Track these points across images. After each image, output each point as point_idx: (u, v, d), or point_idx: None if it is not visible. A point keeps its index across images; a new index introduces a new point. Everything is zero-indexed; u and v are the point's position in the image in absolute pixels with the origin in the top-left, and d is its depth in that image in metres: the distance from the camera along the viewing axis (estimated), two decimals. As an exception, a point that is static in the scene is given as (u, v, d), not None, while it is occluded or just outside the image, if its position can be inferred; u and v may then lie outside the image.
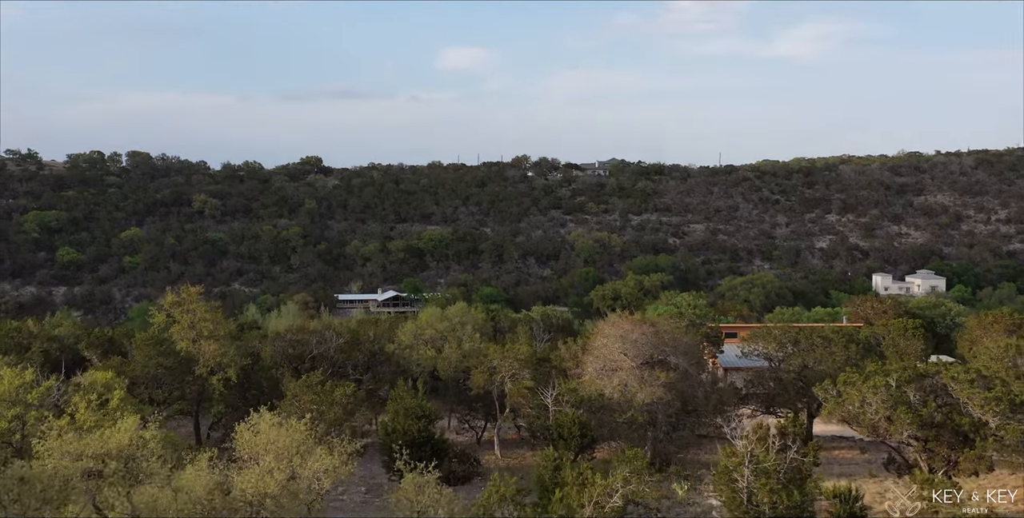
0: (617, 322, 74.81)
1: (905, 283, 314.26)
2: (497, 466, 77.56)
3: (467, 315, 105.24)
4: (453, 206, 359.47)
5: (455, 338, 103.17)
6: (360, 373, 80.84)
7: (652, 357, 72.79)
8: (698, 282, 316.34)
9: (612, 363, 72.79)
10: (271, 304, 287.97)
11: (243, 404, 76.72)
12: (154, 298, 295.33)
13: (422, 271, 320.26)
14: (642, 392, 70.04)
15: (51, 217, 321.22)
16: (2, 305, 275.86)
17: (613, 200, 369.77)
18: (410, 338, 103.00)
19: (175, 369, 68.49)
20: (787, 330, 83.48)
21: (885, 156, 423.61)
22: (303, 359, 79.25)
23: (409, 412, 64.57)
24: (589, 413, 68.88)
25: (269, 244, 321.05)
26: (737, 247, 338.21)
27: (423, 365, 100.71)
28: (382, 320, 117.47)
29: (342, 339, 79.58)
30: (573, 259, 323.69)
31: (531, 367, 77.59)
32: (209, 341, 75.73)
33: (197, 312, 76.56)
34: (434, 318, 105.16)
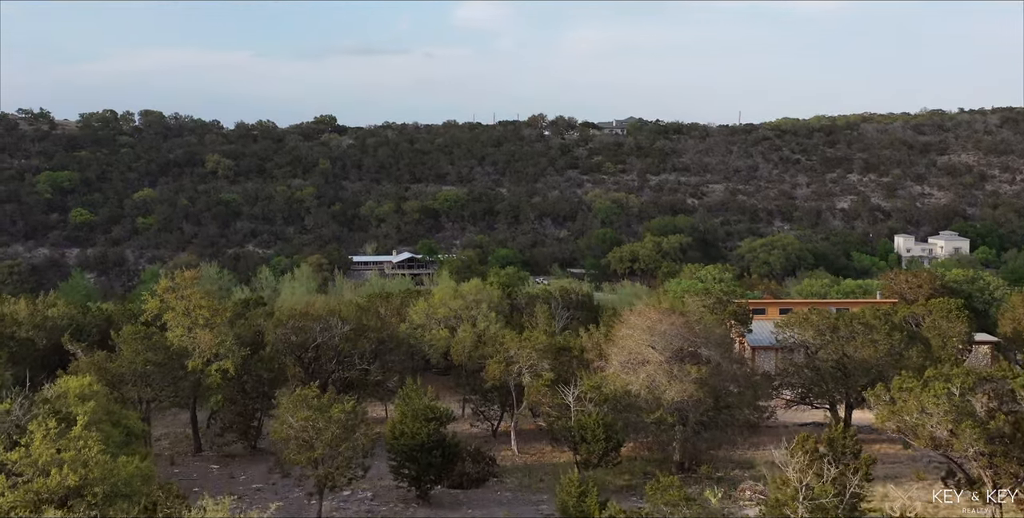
0: (644, 311, 68.60)
1: (928, 244, 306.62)
2: (514, 463, 72.02)
3: (482, 292, 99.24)
4: (468, 166, 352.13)
5: (469, 318, 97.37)
6: (367, 362, 74.97)
7: (682, 349, 66.66)
8: (717, 244, 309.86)
9: (638, 356, 66.70)
10: (285, 266, 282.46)
11: (242, 397, 71.26)
12: (167, 260, 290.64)
13: (437, 232, 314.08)
14: (671, 389, 64.03)
15: (64, 178, 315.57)
16: (15, 268, 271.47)
17: (631, 159, 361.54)
18: (422, 317, 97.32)
19: (165, 365, 62.62)
20: (825, 316, 76.94)
21: (907, 114, 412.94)
22: (306, 348, 73.36)
23: (418, 414, 58.73)
24: (614, 412, 62.99)
25: (283, 205, 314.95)
26: (757, 208, 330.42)
27: (436, 346, 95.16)
28: (394, 295, 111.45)
29: (348, 327, 73.53)
30: (590, 220, 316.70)
31: (551, 357, 71.60)
32: (205, 330, 69.92)
33: (192, 299, 70.66)
34: (448, 296, 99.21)
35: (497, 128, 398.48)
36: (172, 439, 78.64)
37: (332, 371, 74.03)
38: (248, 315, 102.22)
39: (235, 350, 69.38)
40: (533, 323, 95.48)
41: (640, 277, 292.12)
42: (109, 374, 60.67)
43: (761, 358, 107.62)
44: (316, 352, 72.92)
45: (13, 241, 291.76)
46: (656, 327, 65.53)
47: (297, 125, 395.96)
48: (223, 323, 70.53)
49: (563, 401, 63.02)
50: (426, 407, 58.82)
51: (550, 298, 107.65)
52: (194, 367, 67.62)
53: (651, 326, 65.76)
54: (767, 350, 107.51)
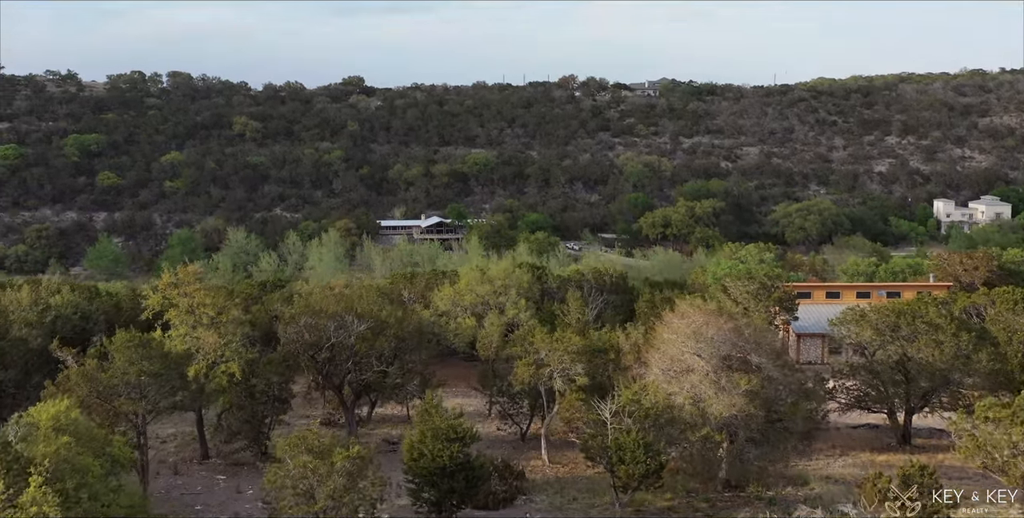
0: (687, 313, 61.55)
1: (968, 209, 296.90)
2: (544, 476, 65.66)
3: (511, 277, 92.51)
4: (498, 128, 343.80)
5: (497, 305, 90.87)
6: (386, 363, 68.54)
7: (729, 356, 59.81)
8: (751, 208, 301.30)
9: (681, 363, 59.93)
10: (313, 231, 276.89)
11: (250, 402, 65.25)
12: (194, 224, 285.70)
13: (466, 196, 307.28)
14: (719, 402, 57.26)
15: (91, 140, 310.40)
16: (44, 232, 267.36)
17: (663, 122, 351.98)
18: (447, 304, 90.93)
19: (162, 375, 56.43)
20: (885, 314, 69.62)
21: (947, 74, 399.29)
22: (320, 347, 66.99)
23: (439, 434, 52.32)
24: (655, 428, 56.35)
25: (311, 168, 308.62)
26: (792, 171, 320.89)
27: (461, 335, 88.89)
28: (418, 277, 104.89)
29: (364, 325, 67.00)
30: (621, 184, 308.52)
31: (585, 361, 64.95)
32: (209, 330, 63.72)
33: (196, 296, 64.37)
34: (474, 280, 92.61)
35: (527, 89, 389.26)
36: (180, 441, 72.89)
37: (348, 372, 67.75)
38: (264, 299, 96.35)
39: (242, 352, 63.26)
40: (565, 310, 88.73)
41: (672, 243, 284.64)
42: (100, 385, 54.63)
43: (806, 345, 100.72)
44: (331, 352, 66.56)
45: (41, 205, 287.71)
46: (702, 332, 58.72)
47: (325, 86, 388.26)
48: (230, 321, 64.30)
49: (598, 417, 56.48)
50: (448, 426, 52.41)
51: (582, 281, 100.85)
52: (197, 372, 61.49)
53: (696, 331, 58.97)
54: (813, 337, 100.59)
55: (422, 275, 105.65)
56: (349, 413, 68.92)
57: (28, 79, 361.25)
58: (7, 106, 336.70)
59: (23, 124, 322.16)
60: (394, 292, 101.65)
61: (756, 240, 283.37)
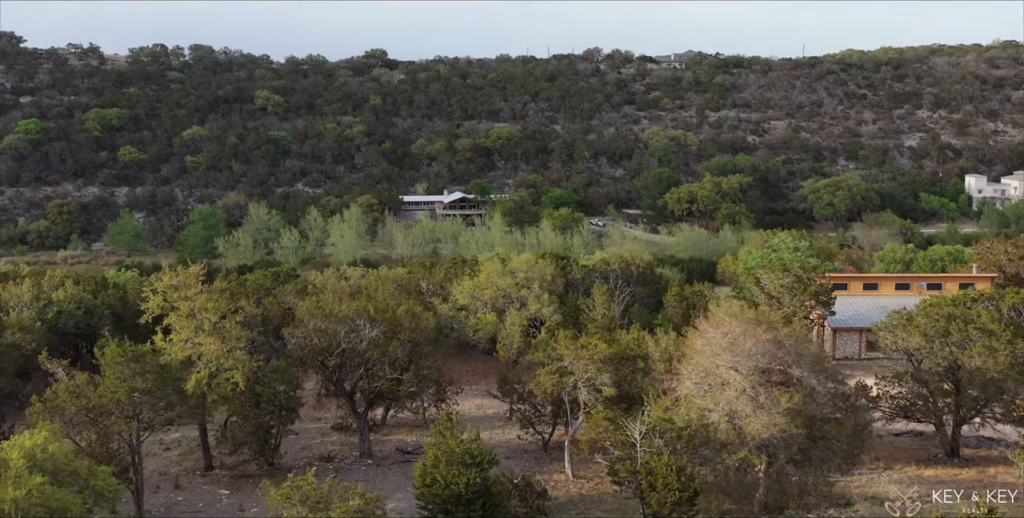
0: (722, 321, 56.47)
1: (1000, 185, 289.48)
2: (568, 493, 61.07)
3: (533, 269, 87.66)
4: (522, 102, 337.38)
5: (519, 299, 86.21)
6: (400, 370, 63.93)
7: (769, 369, 54.84)
8: (779, 184, 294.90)
9: (716, 376, 55.03)
10: (335, 207, 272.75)
11: (255, 412, 60.92)
12: (216, 199, 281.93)
13: (489, 171, 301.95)
14: (757, 421, 52.37)
15: (112, 115, 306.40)
16: (66, 207, 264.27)
17: (689, 95, 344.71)
18: (467, 298, 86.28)
19: (155, 393, 51.99)
20: (934, 318, 64.32)
21: (980, 46, 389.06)
22: (330, 352, 62.44)
23: (454, 459, 47.76)
24: (688, 449, 51.61)
25: (333, 143, 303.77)
26: (820, 146, 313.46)
27: (482, 331, 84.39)
28: (437, 266, 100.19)
29: (376, 330, 62.34)
30: (647, 159, 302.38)
31: (612, 370, 60.18)
32: (211, 337, 59.29)
33: (198, 300, 59.89)
34: (495, 273, 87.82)
35: (551, 62, 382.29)
36: (184, 448, 68.68)
37: (359, 379, 63.22)
38: (277, 291, 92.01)
39: (245, 360, 58.82)
40: (590, 305, 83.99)
41: (698, 219, 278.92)
42: (90, 403, 50.32)
43: (843, 341, 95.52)
44: (341, 358, 62.01)
45: (63, 179, 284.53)
46: (739, 345, 53.79)
47: (347, 59, 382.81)
48: (234, 326, 59.82)
49: (628, 439, 51.77)
50: (464, 450, 47.81)
51: (608, 272, 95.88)
52: (198, 381, 57.11)
53: (733, 343, 54.07)
54: (849, 332, 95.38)
55: (441, 264, 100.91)
56: (361, 421, 64.58)
57: (50, 53, 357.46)
58: (29, 80, 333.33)
59: (45, 98, 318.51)
60: (412, 282, 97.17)
61: (783, 216, 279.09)
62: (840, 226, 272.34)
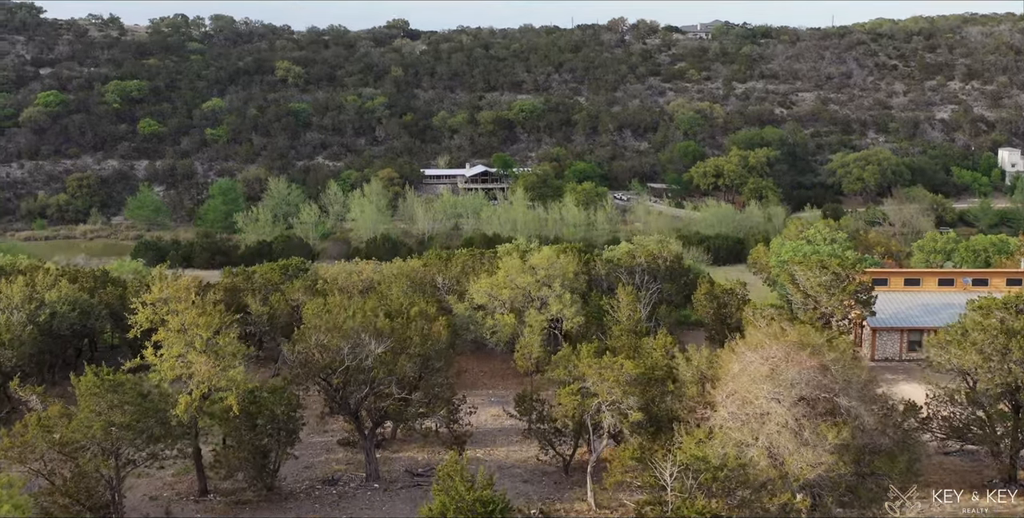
0: (762, 344, 50.57)
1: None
2: (591, 527, 55.60)
3: (555, 266, 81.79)
4: (545, 73, 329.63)
5: (539, 298, 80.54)
6: (408, 389, 58.43)
7: (814, 399, 49.03)
8: (807, 158, 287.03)
9: (755, 406, 49.25)
10: (355, 180, 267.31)
11: (251, 436, 55.72)
12: (236, 173, 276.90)
13: (512, 144, 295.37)
14: (801, 458, 46.66)
15: (132, 87, 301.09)
16: (85, 181, 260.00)
17: (716, 66, 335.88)
18: (484, 297, 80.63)
19: (135, 427, 46.66)
20: (992, 334, 58.12)
21: (1014, 15, 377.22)
22: (333, 370, 57.00)
23: (463, 509, 42.32)
24: (724, 491, 46.02)
25: (353, 115, 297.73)
26: (850, 118, 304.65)
27: (500, 334, 78.86)
28: (455, 259, 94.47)
29: (382, 346, 56.76)
30: (672, 132, 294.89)
31: (639, 392, 54.51)
32: (202, 356, 53.95)
33: (188, 315, 54.51)
34: (515, 270, 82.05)
35: (575, 32, 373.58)
36: (179, 467, 63.44)
37: (364, 397, 57.81)
38: (285, 287, 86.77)
39: (241, 381, 53.51)
40: (615, 305, 78.18)
41: (724, 193, 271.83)
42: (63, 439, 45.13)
43: (883, 341, 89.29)
44: (345, 376, 56.61)
45: (83, 152, 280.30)
46: (780, 373, 48.05)
47: (369, 30, 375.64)
48: (229, 342, 54.45)
49: (657, 481, 46.26)
50: (475, 500, 42.41)
51: (634, 267, 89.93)
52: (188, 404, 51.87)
53: (773, 370, 48.31)
54: (890, 332, 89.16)
55: (458, 257, 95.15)
56: (367, 442, 59.27)
57: (70, 24, 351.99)
58: (49, 51, 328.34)
59: (64, 69, 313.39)
60: (427, 277, 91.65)
61: (811, 191, 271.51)
62: (869, 201, 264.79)
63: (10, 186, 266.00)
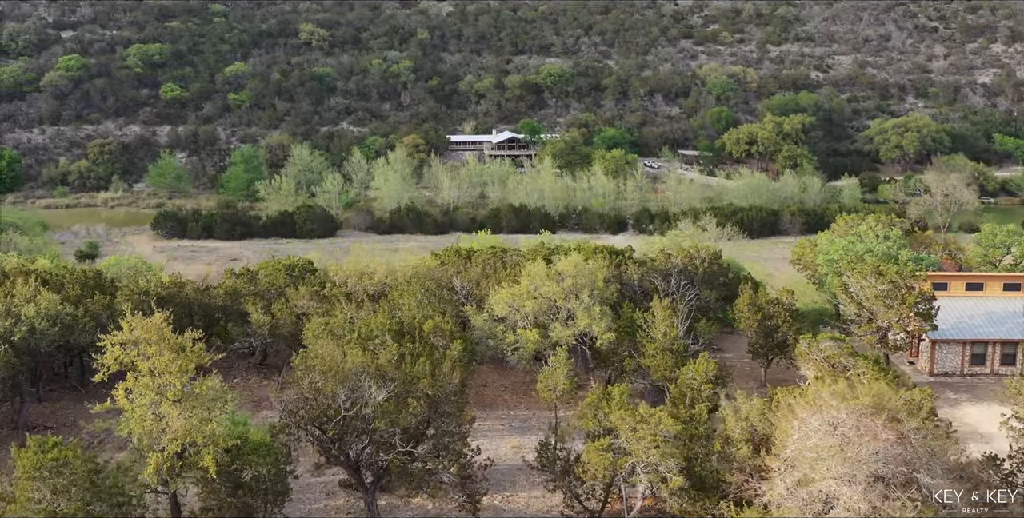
0: (826, 405, 42.12)
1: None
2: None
3: (583, 274, 73.29)
4: (574, 36, 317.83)
5: (566, 311, 72.25)
6: (413, 441, 50.35)
7: (890, 477, 40.66)
8: (843, 124, 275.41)
9: (818, 485, 40.90)
10: (380, 147, 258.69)
11: (233, 495, 48.01)
12: (259, 139, 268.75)
13: (540, 109, 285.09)
14: (878, 553, 38.47)
15: (154, 51, 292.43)
16: (107, 147, 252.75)
17: (749, 28, 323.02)
18: (505, 308, 72.43)
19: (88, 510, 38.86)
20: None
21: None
22: (329, 418, 49.04)
23: None
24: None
25: (379, 80, 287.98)
26: (888, 83, 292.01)
27: (522, 351, 70.76)
28: (475, 259, 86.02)
29: (384, 394, 48.65)
30: (704, 97, 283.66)
31: (680, 454, 46.30)
32: (175, 407, 46.11)
33: (160, 360, 46.56)
34: (539, 278, 73.65)
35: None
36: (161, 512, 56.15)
37: (363, 449, 49.91)
38: (289, 294, 78.80)
39: (220, 437, 45.73)
40: (650, 320, 69.63)
41: (757, 161, 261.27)
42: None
43: (943, 354, 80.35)
44: (341, 426, 48.70)
45: (104, 118, 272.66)
46: (851, 447, 39.75)
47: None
48: (208, 390, 46.63)
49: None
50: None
51: (670, 270, 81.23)
52: (158, 466, 44.22)
53: (843, 443, 40.01)
54: (951, 344, 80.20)
55: (479, 255, 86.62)
56: (369, 496, 51.54)
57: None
58: (71, 14, 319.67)
59: (86, 33, 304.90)
60: (444, 278, 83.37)
61: (847, 158, 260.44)
62: (908, 169, 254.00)
63: (31, 152, 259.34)
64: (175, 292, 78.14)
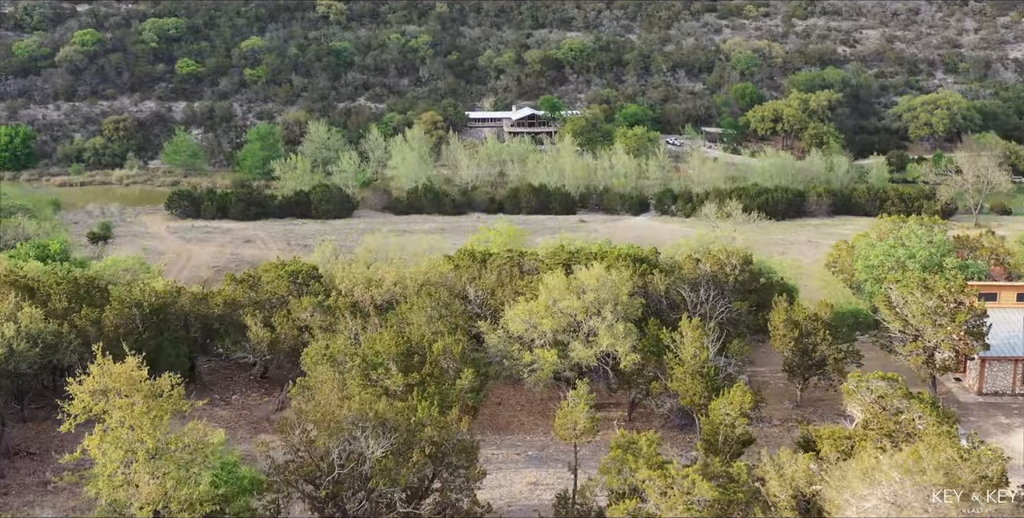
0: (885, 480, 36.12)
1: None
2: None
3: (606, 287, 67.18)
4: (596, 10, 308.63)
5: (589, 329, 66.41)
6: (416, 498, 44.65)
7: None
8: (871, 101, 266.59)
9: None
10: (398, 124, 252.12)
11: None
12: (276, 115, 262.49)
13: (560, 85, 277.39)
14: None
15: (170, 25, 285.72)
16: (121, 123, 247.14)
17: (775, 2, 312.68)
18: (521, 326, 66.61)
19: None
20: None
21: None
22: (323, 473, 43.41)
23: None
24: None
25: (397, 55, 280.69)
26: (916, 58, 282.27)
27: (540, 372, 65.08)
28: (490, 266, 79.86)
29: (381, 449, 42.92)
30: (728, 72, 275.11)
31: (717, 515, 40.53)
32: (147, 466, 40.58)
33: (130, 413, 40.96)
34: (559, 290, 67.65)
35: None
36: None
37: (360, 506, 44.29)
38: (292, 306, 73.07)
39: (198, 502, 40.21)
40: (679, 341, 63.60)
41: (783, 139, 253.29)
42: None
43: (992, 372, 73.95)
44: (335, 483, 43.09)
45: (119, 94, 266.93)
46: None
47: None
48: (185, 448, 41.09)
49: None
50: None
51: (699, 280, 74.93)
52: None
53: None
54: (1002, 362, 73.75)
55: (494, 260, 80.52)
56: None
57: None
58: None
59: (102, 7, 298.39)
60: (457, 286, 77.45)
61: (874, 136, 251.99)
62: (937, 147, 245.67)
63: (46, 128, 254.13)
64: (170, 302, 72.67)
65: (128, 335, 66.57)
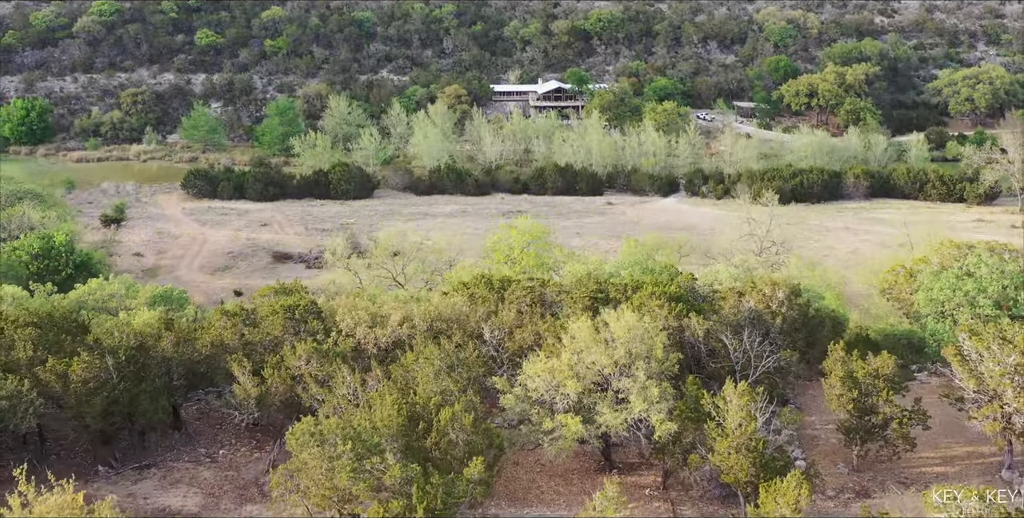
0: None
1: None
2: None
3: (637, 339, 57.64)
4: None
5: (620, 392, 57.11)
6: None
7: None
8: (909, 74, 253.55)
9: None
10: (421, 98, 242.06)
11: None
12: (296, 88, 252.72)
13: (588, 57, 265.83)
14: None
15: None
16: (140, 96, 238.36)
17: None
18: (542, 386, 57.51)
19: None
20: None
21: None
22: None
23: None
24: None
25: (420, 25, 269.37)
26: (957, 29, 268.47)
27: (563, 441, 56.06)
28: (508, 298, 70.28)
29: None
30: (761, 44, 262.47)
31: None
32: None
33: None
34: (585, 341, 58.28)
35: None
36: None
37: None
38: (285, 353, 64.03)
39: None
40: (723, 407, 54.20)
41: (818, 114, 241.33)
42: None
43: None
44: None
45: (138, 66, 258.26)
46: None
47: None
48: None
49: None
50: None
51: (741, 322, 65.35)
52: None
53: None
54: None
55: (513, 290, 71.03)
56: None
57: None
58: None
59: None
60: (470, 322, 68.21)
61: (913, 111, 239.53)
62: (978, 124, 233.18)
63: (64, 101, 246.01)
64: (150, 345, 63.89)
65: (100, 389, 57.95)
